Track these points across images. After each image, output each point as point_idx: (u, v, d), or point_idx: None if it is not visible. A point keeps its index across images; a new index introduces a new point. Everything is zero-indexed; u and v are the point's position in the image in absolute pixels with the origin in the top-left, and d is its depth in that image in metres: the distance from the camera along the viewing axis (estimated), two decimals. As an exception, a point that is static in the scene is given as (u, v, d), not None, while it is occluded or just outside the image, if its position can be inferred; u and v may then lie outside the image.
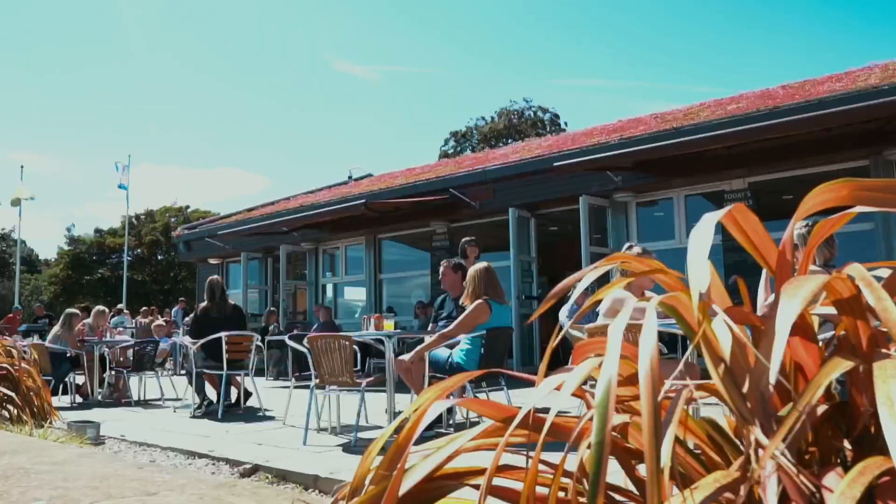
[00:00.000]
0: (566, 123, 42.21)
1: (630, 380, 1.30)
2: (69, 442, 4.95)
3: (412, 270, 15.61)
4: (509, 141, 36.12)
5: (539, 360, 12.50)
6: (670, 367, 1.55)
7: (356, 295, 16.74)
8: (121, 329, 14.44)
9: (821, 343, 1.25)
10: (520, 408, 1.23)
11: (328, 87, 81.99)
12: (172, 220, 41.56)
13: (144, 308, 21.02)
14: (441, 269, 6.67)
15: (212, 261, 18.53)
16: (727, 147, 9.81)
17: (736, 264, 10.24)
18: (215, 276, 8.31)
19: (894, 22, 57.35)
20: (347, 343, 5.55)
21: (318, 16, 77.48)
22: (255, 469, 4.29)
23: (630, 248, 4.58)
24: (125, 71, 75.11)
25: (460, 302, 5.85)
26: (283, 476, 4.13)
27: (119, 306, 20.56)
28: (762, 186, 10.36)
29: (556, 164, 10.63)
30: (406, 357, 5.71)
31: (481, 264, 5.73)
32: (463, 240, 8.10)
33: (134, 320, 19.10)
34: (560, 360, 14.22)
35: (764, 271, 4.12)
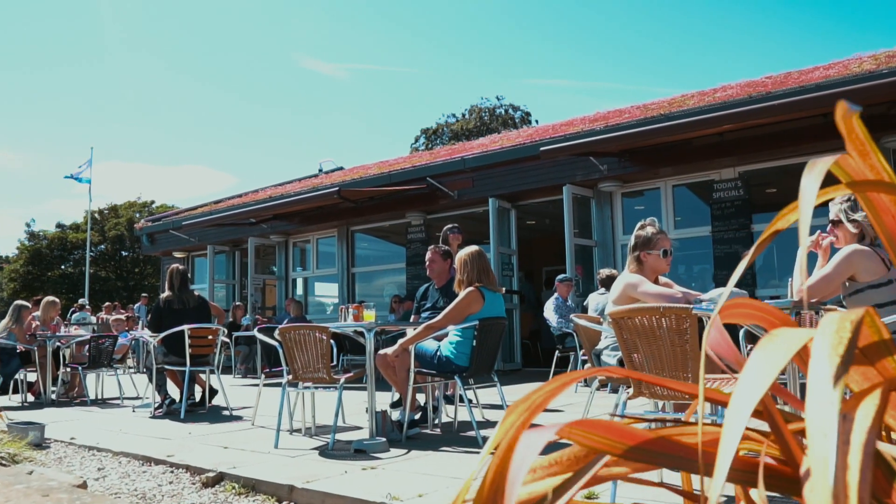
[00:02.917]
0: (537, 121, 41.85)
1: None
2: (8, 446, 4.36)
3: (386, 264, 15.09)
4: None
5: (520, 356, 12.07)
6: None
7: (327, 290, 16.17)
8: (80, 325, 13.76)
9: None
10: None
11: (296, 85, 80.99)
12: (137, 215, 40.47)
13: (107, 304, 20.31)
14: (428, 255, 6.17)
15: (177, 254, 17.80)
16: (717, 134, 9.41)
17: (727, 256, 9.88)
18: (178, 265, 7.70)
19: (855, 21, 57.89)
20: (324, 335, 5.02)
21: (285, 13, 76.52)
22: (221, 478, 3.74)
23: (643, 226, 4.10)
24: (90, 66, 73.34)
25: (452, 289, 5.34)
26: (252, 486, 3.59)
27: (81, 301, 19.82)
28: (753, 175, 9.98)
29: (542, 148, 10.15)
30: (389, 350, 5.19)
31: (472, 248, 5.21)
32: (445, 227, 7.59)
33: (96, 316, 18.41)
34: (537, 358, 13.81)
35: (799, 254, 3.64)
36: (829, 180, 0.67)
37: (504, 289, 5.57)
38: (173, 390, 7.32)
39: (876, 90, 7.67)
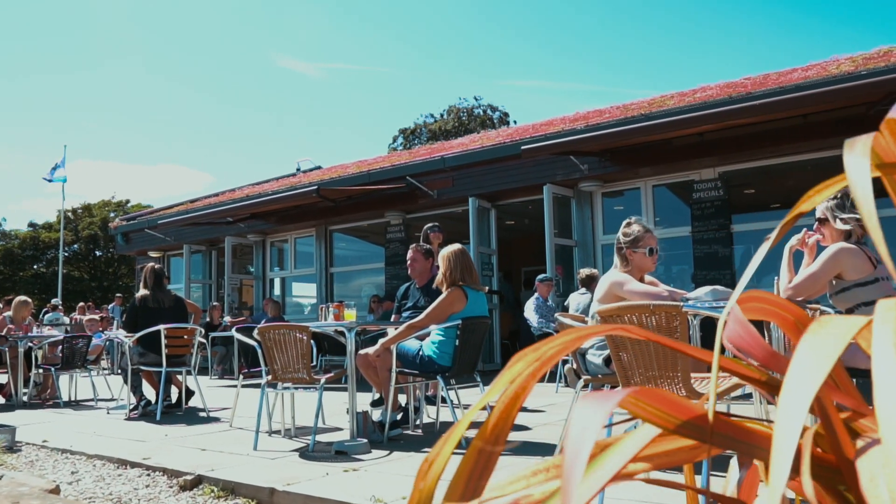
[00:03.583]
0: (515, 122, 41.91)
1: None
2: (-23, 450, 4.23)
3: (365, 264, 14.99)
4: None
5: (499, 356, 12.02)
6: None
7: (305, 290, 16.03)
8: (52, 326, 13.53)
9: None
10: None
11: (273, 84, 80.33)
12: (111, 214, 39.97)
13: (81, 304, 19.99)
14: (410, 254, 6.09)
15: (152, 254, 17.56)
16: (698, 134, 9.43)
17: (706, 256, 9.90)
18: (154, 263, 7.56)
19: (830, 23, 58.62)
20: (304, 335, 4.93)
21: (262, 12, 75.95)
22: (199, 480, 3.64)
23: (629, 224, 4.06)
24: (63, 65, 72.34)
25: (433, 286, 5.27)
26: (231, 489, 3.50)
27: (54, 302, 19.50)
28: (732, 176, 10.01)
29: (524, 147, 10.10)
30: (371, 350, 5.12)
31: (455, 246, 5.15)
32: (426, 226, 7.54)
33: (69, 317, 18.13)
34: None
35: (786, 249, 3.60)
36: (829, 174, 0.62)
37: (487, 288, 5.51)
38: (149, 391, 7.19)
39: (856, 91, 7.70)
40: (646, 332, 0.70)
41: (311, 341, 5.05)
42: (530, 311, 9.40)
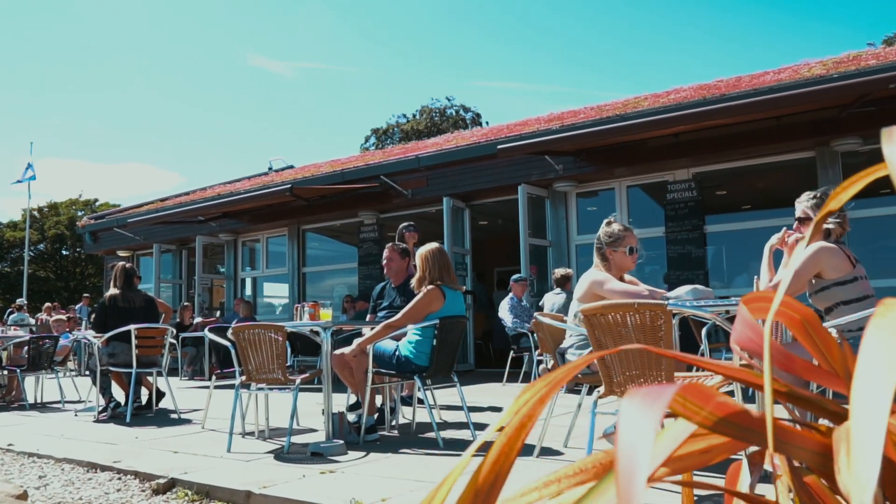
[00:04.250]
0: (487, 123, 41.97)
1: None
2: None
3: (338, 264, 14.89)
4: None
5: (472, 356, 11.98)
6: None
7: (277, 291, 15.88)
8: (18, 327, 13.26)
9: None
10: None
11: (244, 83, 79.66)
12: (79, 213, 39.32)
13: (48, 304, 19.62)
14: (386, 253, 6.03)
15: (121, 253, 17.27)
16: (673, 135, 9.47)
17: (680, 257, 9.95)
18: (124, 262, 7.42)
19: (800, 27, 59.45)
20: (279, 335, 4.85)
21: (232, 9, 75.31)
22: (172, 484, 3.56)
23: (610, 223, 4.04)
24: (29, 61, 71.07)
25: (411, 286, 5.21)
26: (206, 492, 3.41)
27: (19, 302, 19.15)
28: (706, 177, 10.08)
29: (500, 146, 10.07)
30: (347, 350, 5.05)
31: (433, 245, 5.10)
32: (401, 225, 7.47)
33: (35, 317, 17.80)
34: (489, 359, 13.76)
35: (766, 249, 3.60)
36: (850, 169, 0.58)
37: (465, 287, 5.48)
38: (118, 393, 7.05)
39: (829, 93, 7.78)
40: (661, 350, 0.66)
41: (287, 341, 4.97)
42: (505, 311, 9.38)
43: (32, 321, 16.80)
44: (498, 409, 6.54)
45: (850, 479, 0.41)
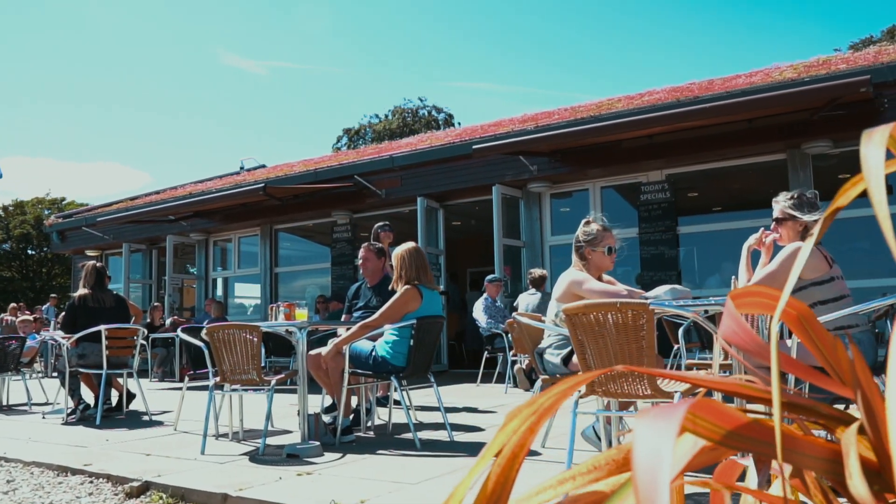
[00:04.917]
0: (460, 124, 42.01)
1: None
2: None
3: (311, 264, 14.79)
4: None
5: (446, 357, 11.97)
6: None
7: (249, 291, 15.74)
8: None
9: None
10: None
11: (215, 81, 78.90)
12: (46, 212, 38.65)
13: (13, 305, 19.23)
14: (361, 253, 5.98)
15: (90, 252, 16.99)
16: (647, 137, 9.53)
17: (653, 258, 10.01)
18: (94, 261, 7.29)
19: (771, 31, 60.24)
20: (254, 336, 4.79)
21: (204, 7, 74.62)
22: (146, 487, 3.49)
23: (588, 223, 4.05)
24: (-6, 53, 69.74)
25: (390, 287, 5.18)
26: (181, 495, 3.36)
27: (-18, 303, 18.80)
28: (679, 179, 10.16)
29: (475, 146, 10.07)
30: (323, 350, 5.00)
31: (410, 244, 5.07)
32: (376, 224, 7.43)
33: (0, 318, 17.46)
34: (462, 360, 13.75)
35: (744, 249, 3.62)
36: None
37: (442, 287, 5.45)
38: (88, 395, 6.92)
39: (802, 96, 7.88)
40: (667, 373, 0.64)
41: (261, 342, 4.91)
42: (479, 312, 9.37)
43: (-3, 322, 16.48)
44: (473, 410, 6.53)
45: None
